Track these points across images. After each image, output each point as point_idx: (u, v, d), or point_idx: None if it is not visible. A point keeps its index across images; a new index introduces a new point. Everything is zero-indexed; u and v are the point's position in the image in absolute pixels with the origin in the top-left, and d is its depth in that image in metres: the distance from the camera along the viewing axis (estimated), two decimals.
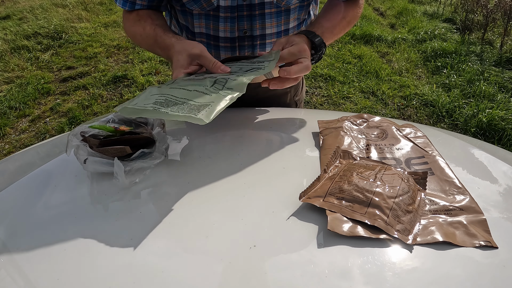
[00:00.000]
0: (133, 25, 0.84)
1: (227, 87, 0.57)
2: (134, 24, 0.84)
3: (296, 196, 0.51)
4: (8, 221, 0.50)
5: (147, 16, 0.83)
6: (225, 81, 0.58)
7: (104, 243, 0.45)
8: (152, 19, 0.82)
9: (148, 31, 0.80)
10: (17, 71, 3.52)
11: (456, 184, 0.54)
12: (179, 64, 0.68)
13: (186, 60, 0.68)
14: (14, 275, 0.42)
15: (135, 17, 0.84)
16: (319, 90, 3.16)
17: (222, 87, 0.57)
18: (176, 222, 0.49)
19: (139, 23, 0.83)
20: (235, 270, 0.41)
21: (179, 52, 0.70)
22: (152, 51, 0.85)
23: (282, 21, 0.87)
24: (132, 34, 0.86)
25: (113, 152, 0.57)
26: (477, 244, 0.45)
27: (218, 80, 0.59)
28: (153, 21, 0.82)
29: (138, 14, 0.84)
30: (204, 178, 0.57)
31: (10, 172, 0.65)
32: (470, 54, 3.69)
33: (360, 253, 0.43)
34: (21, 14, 5.08)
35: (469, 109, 2.73)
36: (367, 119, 0.73)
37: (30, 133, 2.63)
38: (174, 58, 0.70)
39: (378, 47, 4.15)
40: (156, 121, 0.64)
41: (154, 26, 0.80)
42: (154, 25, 0.80)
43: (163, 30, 0.79)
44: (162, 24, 0.81)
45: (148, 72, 3.42)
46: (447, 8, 5.43)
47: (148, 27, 0.81)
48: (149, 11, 0.85)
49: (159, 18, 0.85)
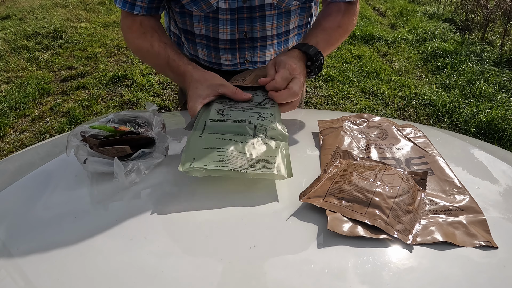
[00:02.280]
0: (138, 38, 0.82)
1: (269, 136, 0.61)
2: (139, 37, 0.82)
3: (296, 196, 0.51)
4: (8, 221, 0.50)
5: (152, 30, 0.81)
6: (265, 129, 0.62)
7: (104, 243, 0.45)
8: (159, 35, 0.81)
9: (157, 50, 0.78)
10: (17, 71, 3.52)
11: (456, 184, 0.54)
12: (197, 94, 0.68)
13: (206, 91, 0.68)
14: (14, 275, 0.42)
15: (139, 28, 0.82)
16: (319, 90, 3.16)
17: (265, 136, 0.60)
18: (176, 222, 0.48)
19: (145, 37, 0.81)
20: (235, 270, 0.41)
21: (199, 81, 0.70)
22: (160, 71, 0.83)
23: (282, 23, 0.86)
24: (136, 47, 0.84)
25: (113, 152, 0.57)
26: (477, 244, 0.45)
27: (257, 127, 0.62)
28: (160, 37, 0.80)
29: (142, 25, 0.82)
30: (204, 178, 0.57)
31: (10, 172, 0.65)
32: (470, 54, 3.69)
33: (360, 253, 0.43)
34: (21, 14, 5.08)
35: (469, 109, 2.73)
36: (367, 119, 0.73)
37: (30, 133, 2.63)
38: (192, 87, 0.70)
39: (378, 47, 4.15)
40: (156, 121, 0.64)
41: (163, 44, 0.79)
42: (164, 44, 0.79)
43: (175, 52, 0.78)
44: (171, 44, 0.80)
45: (148, 72, 3.42)
46: (447, 8, 5.43)
47: (157, 44, 0.79)
48: (151, 23, 0.83)
49: (164, 34, 0.83)
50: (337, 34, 0.85)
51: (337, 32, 0.84)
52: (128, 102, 2.98)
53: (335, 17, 0.84)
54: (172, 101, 2.99)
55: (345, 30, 0.87)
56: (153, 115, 0.65)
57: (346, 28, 0.87)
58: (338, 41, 0.87)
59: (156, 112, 0.67)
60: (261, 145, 0.58)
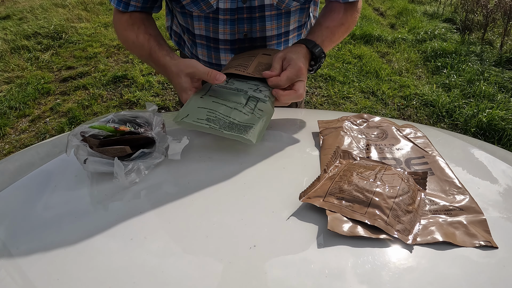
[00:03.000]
0: (125, 29, 0.83)
1: (258, 108, 0.68)
2: (126, 28, 0.82)
3: (296, 196, 0.51)
4: (8, 221, 0.50)
5: (140, 21, 0.82)
6: (256, 101, 0.69)
7: (104, 243, 0.45)
8: (145, 26, 0.81)
9: (142, 41, 0.79)
10: (17, 71, 3.52)
11: (456, 184, 0.54)
12: (183, 88, 0.69)
13: (187, 82, 0.69)
14: (14, 275, 0.42)
15: (127, 20, 0.83)
16: (319, 90, 3.16)
17: (254, 107, 0.68)
18: (176, 222, 0.49)
19: (132, 28, 0.81)
20: (235, 270, 0.41)
21: (177, 75, 0.70)
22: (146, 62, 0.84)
23: (282, 23, 0.86)
24: (124, 38, 0.84)
25: (113, 152, 0.57)
26: (477, 244, 0.45)
27: (250, 98, 0.69)
28: (146, 29, 0.80)
29: (131, 17, 0.83)
30: (204, 178, 0.57)
31: (10, 172, 0.65)
32: (470, 54, 3.69)
33: (360, 253, 0.43)
34: (21, 14, 5.08)
35: (469, 109, 2.73)
36: (367, 119, 0.73)
37: (30, 133, 2.63)
38: (175, 82, 0.71)
39: (378, 47, 4.14)
40: (156, 121, 0.64)
41: (148, 36, 0.79)
42: (148, 35, 0.79)
43: (157, 43, 0.78)
44: (156, 35, 0.80)
45: (148, 72, 3.42)
46: (447, 8, 5.43)
47: (142, 36, 0.79)
48: (142, 16, 0.83)
49: (152, 25, 0.83)
50: (340, 32, 0.86)
51: (340, 30, 0.85)
52: (128, 102, 2.98)
53: (338, 15, 0.85)
54: (172, 101, 2.99)
55: (347, 28, 0.87)
56: (153, 115, 0.65)
57: (349, 26, 0.87)
58: (340, 39, 0.87)
59: (156, 112, 0.67)
60: (246, 113, 0.66)
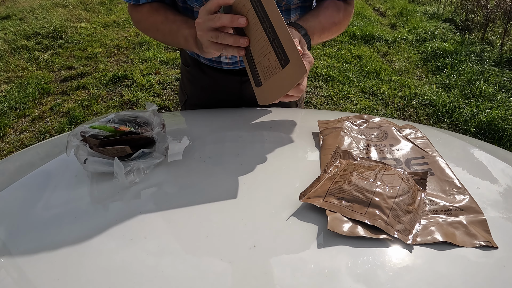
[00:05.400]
0: (151, 15, 0.82)
1: None
2: (152, 15, 0.82)
3: (296, 196, 0.51)
4: (8, 221, 0.50)
5: (163, 7, 0.82)
6: None
7: (104, 243, 0.45)
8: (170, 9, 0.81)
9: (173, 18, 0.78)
10: (17, 71, 3.52)
11: (456, 184, 0.54)
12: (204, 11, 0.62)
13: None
14: (14, 275, 0.42)
15: (149, 9, 0.83)
16: (319, 90, 3.16)
17: None
18: (176, 222, 0.49)
19: (158, 12, 0.81)
20: (235, 270, 0.41)
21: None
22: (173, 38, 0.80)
23: None
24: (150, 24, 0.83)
25: (113, 152, 0.57)
26: (477, 244, 0.45)
27: None
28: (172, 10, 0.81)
29: (152, 6, 0.83)
30: (204, 178, 0.57)
31: (10, 172, 0.65)
32: (470, 54, 3.69)
33: (360, 253, 0.43)
34: (21, 14, 5.08)
35: (469, 109, 2.73)
36: (367, 120, 0.73)
37: (30, 133, 2.63)
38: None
39: (378, 47, 4.14)
40: (156, 121, 0.64)
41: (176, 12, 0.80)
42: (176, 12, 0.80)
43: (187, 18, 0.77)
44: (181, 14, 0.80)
45: (148, 72, 3.42)
46: (447, 8, 5.43)
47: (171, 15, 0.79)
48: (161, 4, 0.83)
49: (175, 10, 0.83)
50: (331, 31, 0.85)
51: (332, 29, 0.84)
52: (128, 102, 2.98)
53: (332, 13, 0.84)
54: (172, 101, 2.99)
55: (338, 29, 0.87)
56: (153, 115, 0.65)
57: (340, 27, 0.87)
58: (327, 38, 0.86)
59: (156, 112, 0.67)
60: None
